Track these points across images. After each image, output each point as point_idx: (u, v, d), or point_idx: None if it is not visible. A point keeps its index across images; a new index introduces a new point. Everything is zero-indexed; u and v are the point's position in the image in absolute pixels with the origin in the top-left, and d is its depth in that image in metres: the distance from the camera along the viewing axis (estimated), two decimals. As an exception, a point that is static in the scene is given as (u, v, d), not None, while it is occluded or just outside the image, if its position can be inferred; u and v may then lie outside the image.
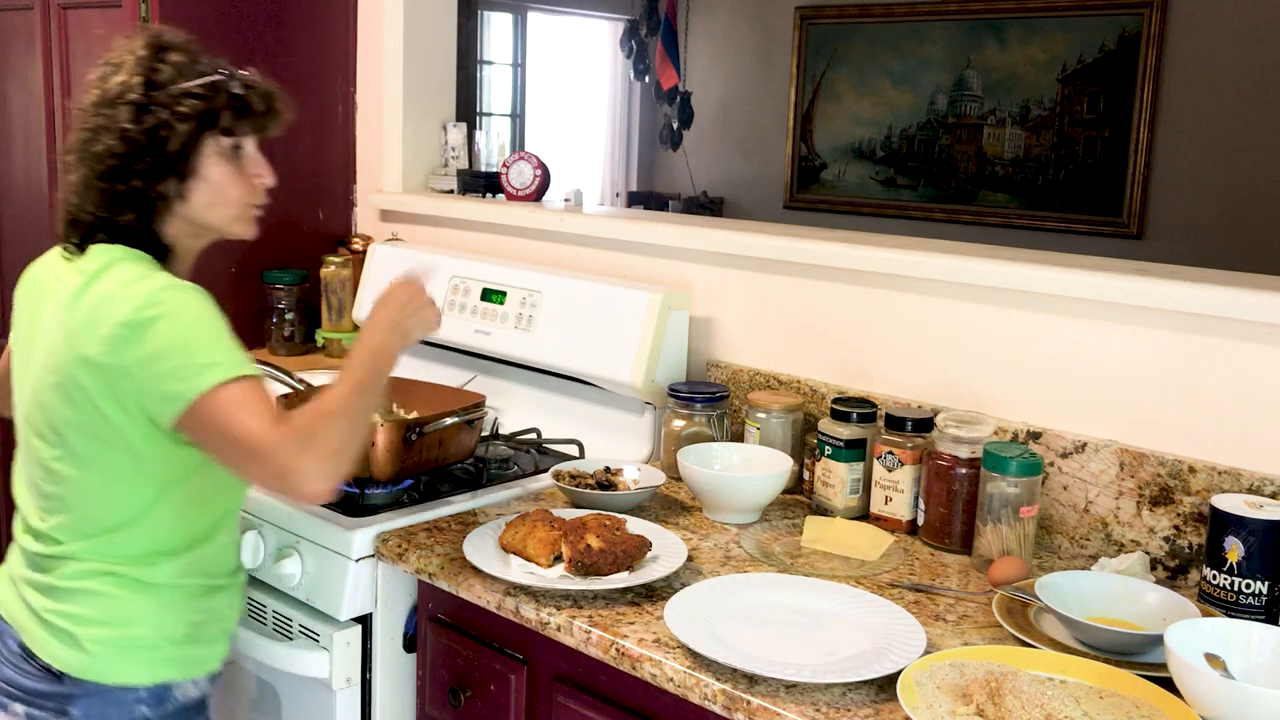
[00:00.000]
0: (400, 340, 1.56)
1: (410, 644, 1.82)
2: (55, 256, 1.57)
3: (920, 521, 1.82)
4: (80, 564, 1.50)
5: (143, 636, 1.51)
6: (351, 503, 1.85)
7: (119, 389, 1.42)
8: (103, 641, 1.49)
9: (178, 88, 1.48)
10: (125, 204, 1.49)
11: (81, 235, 1.52)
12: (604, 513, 1.74)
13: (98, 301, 1.44)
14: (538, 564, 1.61)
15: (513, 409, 2.35)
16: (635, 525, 1.71)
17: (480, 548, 1.65)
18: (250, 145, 1.56)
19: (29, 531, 1.56)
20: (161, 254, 1.53)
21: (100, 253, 1.49)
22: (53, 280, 1.54)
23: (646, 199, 7.05)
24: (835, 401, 1.93)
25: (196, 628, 1.55)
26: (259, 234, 1.61)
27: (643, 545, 1.62)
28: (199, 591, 1.56)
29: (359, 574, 1.75)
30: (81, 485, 1.49)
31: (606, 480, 1.91)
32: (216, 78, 1.51)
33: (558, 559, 1.61)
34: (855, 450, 1.89)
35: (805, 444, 2.01)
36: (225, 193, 1.54)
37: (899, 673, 1.31)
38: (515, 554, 1.64)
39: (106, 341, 1.41)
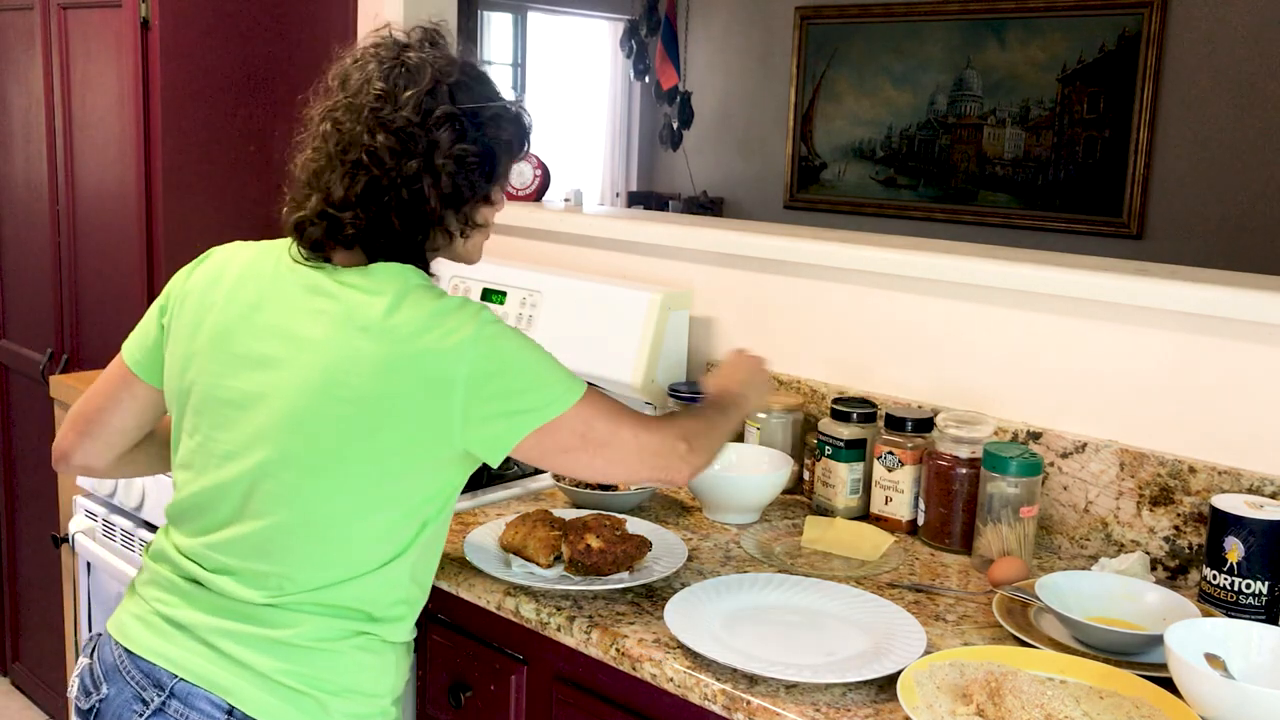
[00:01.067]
0: (747, 406, 1.65)
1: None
2: (272, 257, 1.42)
3: (920, 521, 1.83)
4: (321, 620, 1.33)
5: (385, 708, 1.41)
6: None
7: (457, 411, 1.29)
8: (352, 715, 1.36)
9: (490, 109, 1.38)
10: (415, 223, 1.36)
11: (339, 243, 1.37)
12: (604, 513, 1.74)
13: (427, 320, 1.31)
14: (537, 564, 1.61)
15: (513, 409, 2.35)
16: (635, 525, 1.71)
17: (480, 548, 1.65)
18: None
19: (227, 572, 1.35)
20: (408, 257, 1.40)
21: (388, 272, 1.36)
22: (294, 289, 1.37)
23: (646, 199, 7.05)
24: (835, 401, 1.93)
25: (398, 688, 1.44)
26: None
27: (643, 545, 1.63)
28: (409, 649, 1.46)
29: (359, 574, 1.75)
30: (338, 525, 1.33)
31: (606, 480, 1.91)
32: (514, 101, 1.43)
33: (557, 559, 1.61)
34: (855, 450, 1.89)
35: (805, 444, 2.01)
36: (492, 221, 1.47)
37: (899, 673, 1.31)
38: (515, 554, 1.64)
39: (459, 361, 1.29)
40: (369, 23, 2.91)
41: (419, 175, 1.34)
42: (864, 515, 1.90)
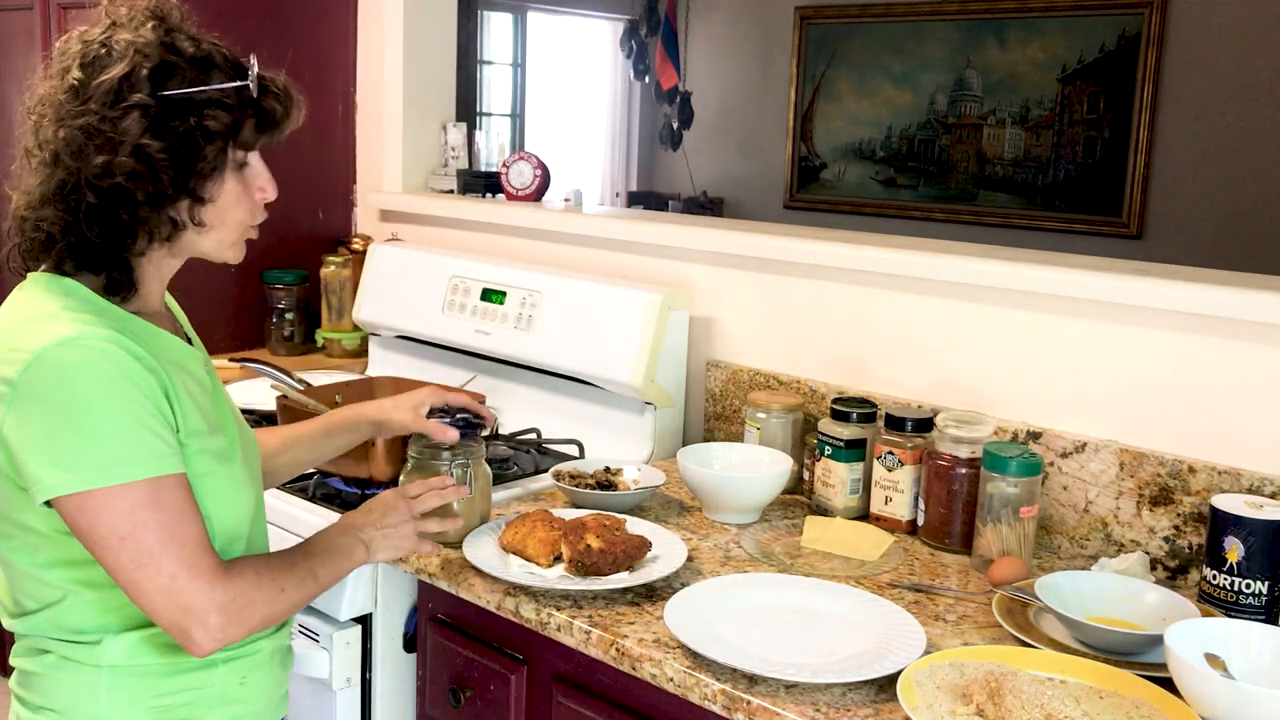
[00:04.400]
0: (364, 554, 1.44)
1: (410, 644, 1.82)
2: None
3: (920, 521, 1.82)
4: (26, 642, 1.31)
5: None
6: (352, 503, 1.86)
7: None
8: None
9: (202, 95, 1.24)
10: (111, 226, 1.25)
11: (31, 250, 1.28)
12: (604, 513, 1.74)
13: None
14: (538, 564, 1.61)
15: (513, 409, 2.35)
16: (635, 525, 1.71)
17: (480, 548, 1.65)
18: (255, 156, 1.33)
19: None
20: (121, 287, 1.29)
21: (38, 285, 1.27)
22: None
23: (646, 199, 7.05)
24: (835, 401, 1.93)
25: (163, 712, 1.31)
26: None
27: (642, 545, 1.62)
28: (163, 670, 1.31)
29: (359, 574, 1.75)
30: (7, 556, 1.29)
31: (606, 480, 1.91)
32: (241, 83, 1.27)
33: (557, 559, 1.61)
34: (855, 450, 1.89)
35: (805, 444, 2.00)
36: (228, 215, 1.30)
37: (899, 673, 1.31)
38: (515, 554, 1.64)
39: None
40: (369, 23, 2.92)
41: (106, 173, 1.22)
42: (864, 515, 1.90)
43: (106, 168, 1.22)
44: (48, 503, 1.20)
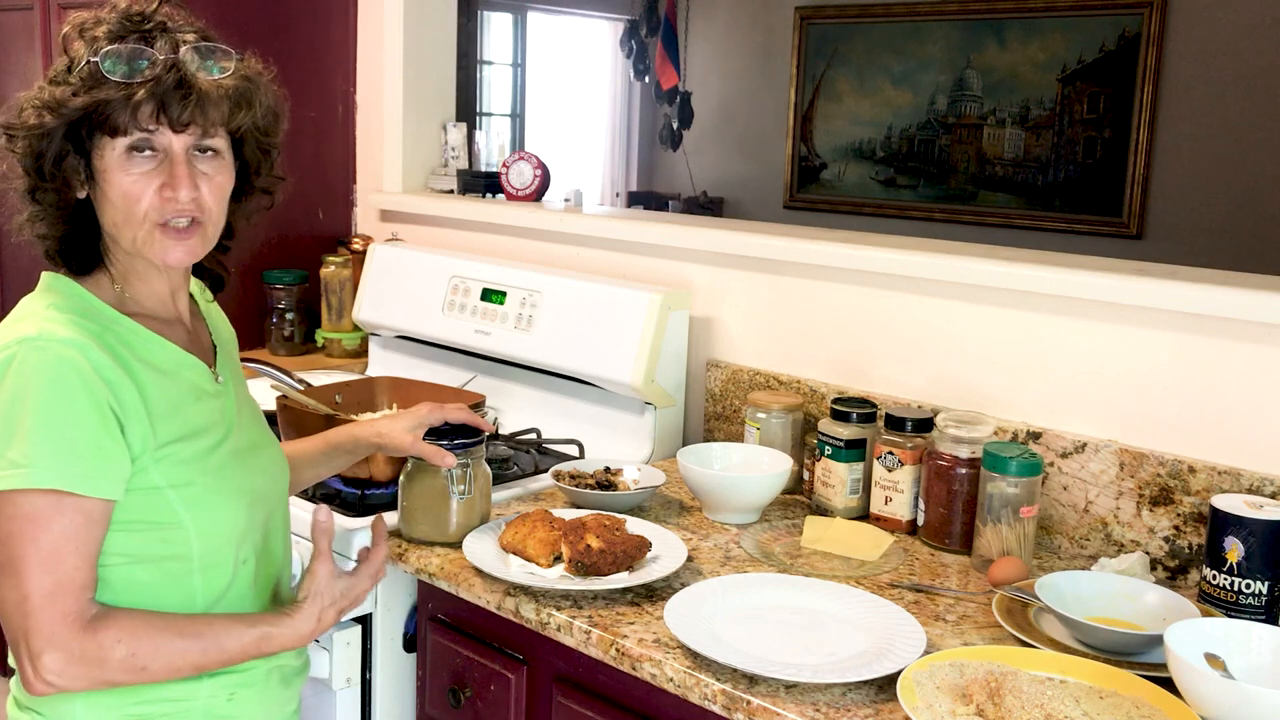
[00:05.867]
0: (312, 633, 1.34)
1: (410, 644, 1.82)
2: None
3: (920, 521, 1.82)
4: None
5: None
6: (352, 503, 1.86)
7: None
8: None
9: (46, 77, 1.25)
10: (47, 218, 1.29)
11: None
12: (603, 513, 1.74)
13: None
14: (538, 564, 1.61)
15: (513, 409, 2.35)
16: (635, 525, 1.71)
17: (480, 548, 1.65)
18: (172, 144, 1.25)
19: None
20: (81, 263, 1.30)
21: (41, 280, 1.32)
22: None
23: (646, 199, 7.05)
24: (835, 401, 1.93)
25: None
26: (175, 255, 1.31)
27: (642, 545, 1.62)
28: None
29: (359, 574, 1.75)
30: None
31: (606, 480, 1.91)
32: (85, 60, 1.23)
33: (557, 559, 1.61)
34: (855, 450, 1.89)
35: (805, 444, 2.00)
36: (130, 209, 1.25)
37: (899, 673, 1.31)
38: (515, 554, 1.64)
39: None
40: (369, 23, 2.92)
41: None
42: (864, 515, 1.90)
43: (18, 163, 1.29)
44: None
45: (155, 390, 1.25)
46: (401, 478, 1.71)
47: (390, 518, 1.80)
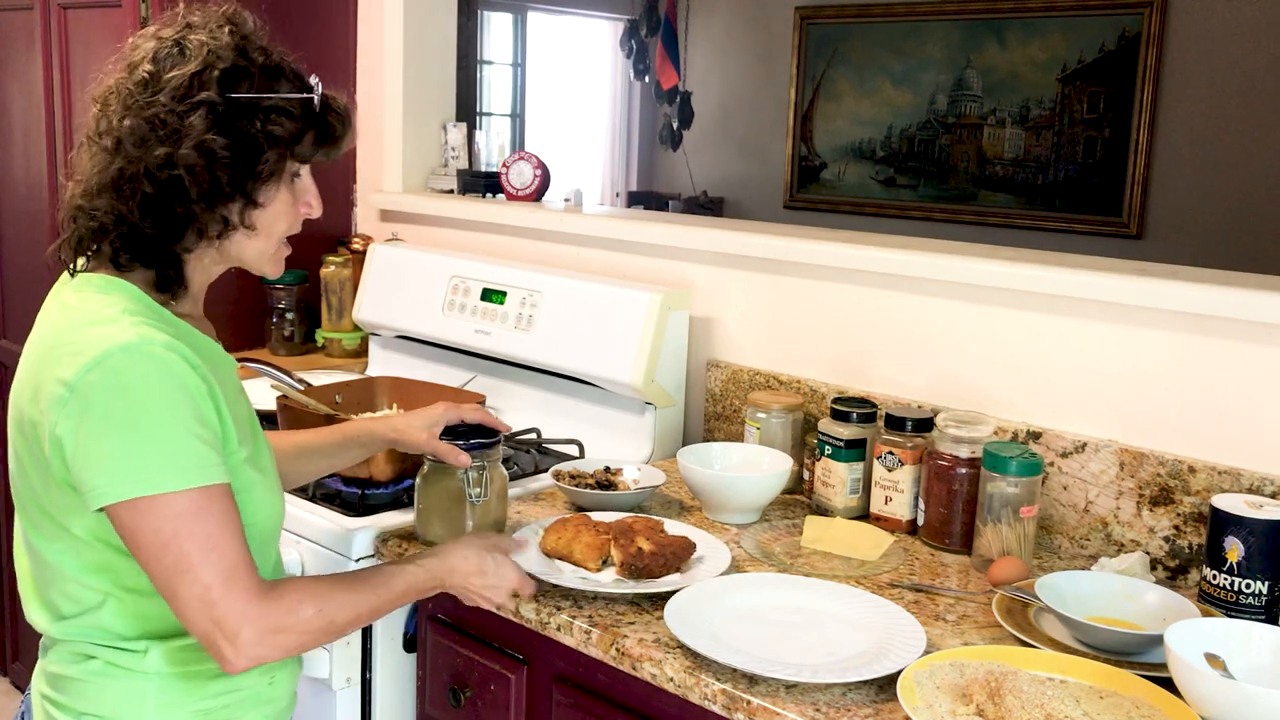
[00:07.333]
0: (447, 587, 1.44)
1: (410, 644, 1.82)
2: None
3: (920, 521, 1.82)
4: (66, 647, 1.30)
5: None
6: (352, 502, 1.86)
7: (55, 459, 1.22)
8: None
9: (268, 101, 1.27)
10: (164, 218, 1.26)
11: (82, 241, 1.29)
12: (642, 515, 1.73)
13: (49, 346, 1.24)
14: (586, 568, 1.59)
15: (513, 409, 2.35)
16: (673, 526, 1.71)
17: (523, 553, 1.61)
18: (307, 171, 1.36)
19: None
20: (172, 283, 1.30)
21: (94, 285, 1.28)
22: (50, 306, 1.32)
23: (646, 199, 7.05)
24: (835, 401, 1.93)
25: (207, 715, 1.32)
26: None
27: (689, 546, 1.62)
28: (207, 674, 1.31)
29: (359, 574, 1.75)
30: (49, 558, 1.29)
31: (606, 480, 1.91)
32: (307, 95, 1.33)
33: (605, 562, 1.60)
34: (855, 450, 1.89)
35: (805, 444, 2.00)
36: (275, 224, 1.32)
37: (899, 673, 1.31)
38: (561, 559, 1.62)
39: (42, 399, 1.21)
40: (369, 23, 2.92)
41: (167, 165, 1.23)
42: (864, 515, 1.90)
43: (168, 159, 1.23)
44: (99, 508, 1.20)
45: (220, 392, 1.28)
46: (418, 479, 1.70)
47: (398, 518, 1.80)
